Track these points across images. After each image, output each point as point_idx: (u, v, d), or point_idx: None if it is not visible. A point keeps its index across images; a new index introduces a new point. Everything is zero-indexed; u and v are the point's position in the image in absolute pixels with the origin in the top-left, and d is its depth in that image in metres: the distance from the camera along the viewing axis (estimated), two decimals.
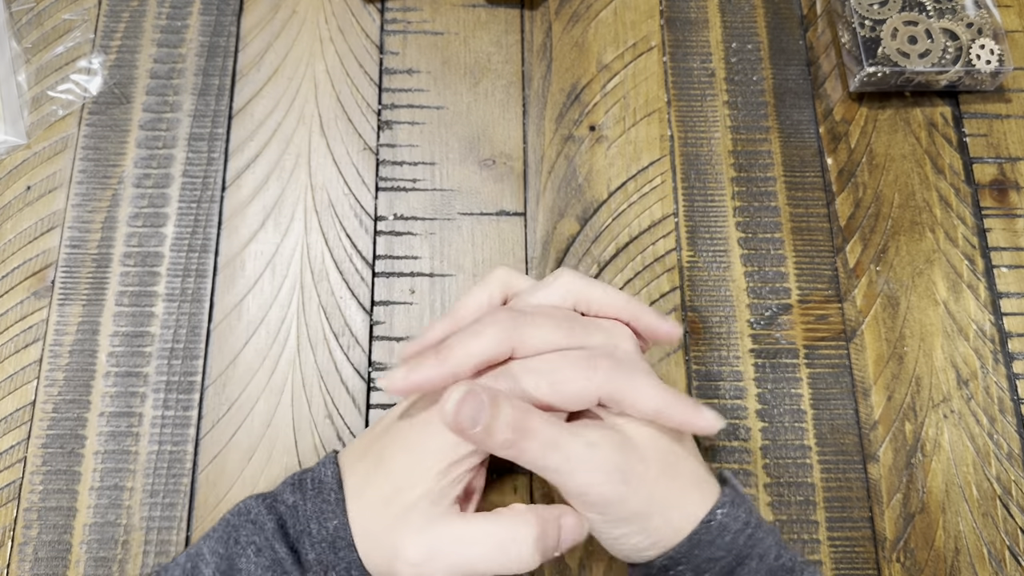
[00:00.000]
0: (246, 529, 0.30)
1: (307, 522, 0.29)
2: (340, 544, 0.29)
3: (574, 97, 0.48)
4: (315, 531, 0.29)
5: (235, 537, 0.30)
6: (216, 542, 0.30)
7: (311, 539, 0.29)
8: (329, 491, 0.30)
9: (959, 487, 0.41)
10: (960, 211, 0.46)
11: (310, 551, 0.29)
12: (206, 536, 0.31)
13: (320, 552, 0.29)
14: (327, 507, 0.29)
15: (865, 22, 0.47)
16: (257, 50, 0.48)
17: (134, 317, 0.43)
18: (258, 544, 0.29)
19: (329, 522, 0.29)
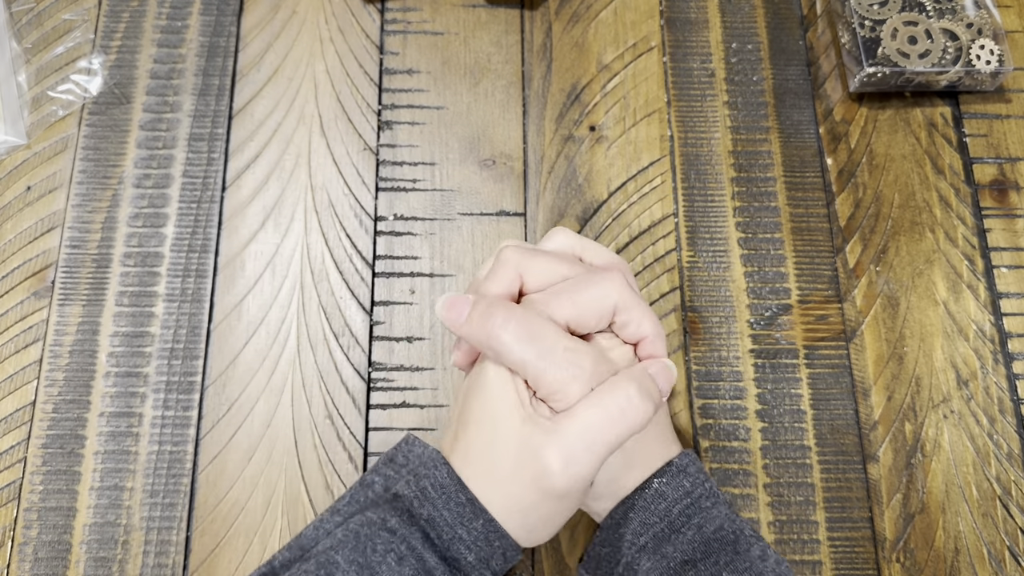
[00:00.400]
0: (381, 538, 0.30)
1: (454, 529, 0.30)
2: (493, 537, 0.30)
3: (574, 97, 0.48)
4: (466, 535, 0.30)
5: (371, 546, 0.30)
6: (351, 551, 0.30)
7: (465, 543, 0.30)
8: (457, 493, 0.31)
9: (959, 487, 0.41)
10: (960, 211, 0.46)
11: (468, 553, 0.30)
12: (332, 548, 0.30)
13: (478, 550, 0.30)
14: (464, 510, 0.30)
15: (865, 22, 0.47)
16: (257, 50, 0.48)
17: (134, 317, 0.43)
18: (399, 552, 0.29)
19: (475, 523, 0.30)
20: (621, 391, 0.29)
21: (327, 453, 0.41)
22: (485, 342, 0.30)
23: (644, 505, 0.32)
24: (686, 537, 0.31)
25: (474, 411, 0.32)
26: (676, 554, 0.31)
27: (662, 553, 0.31)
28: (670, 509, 0.31)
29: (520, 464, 0.30)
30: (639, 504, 0.32)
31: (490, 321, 0.30)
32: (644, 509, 0.32)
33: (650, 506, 0.32)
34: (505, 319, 0.30)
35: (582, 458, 0.29)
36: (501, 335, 0.30)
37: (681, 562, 0.30)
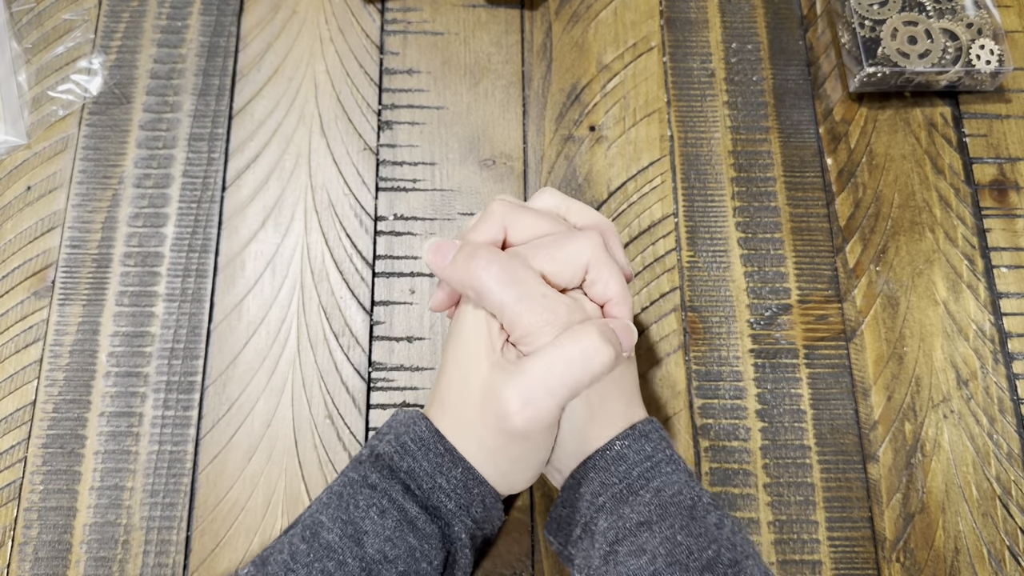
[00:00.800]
0: (363, 494, 0.31)
1: (433, 478, 0.31)
2: (472, 484, 0.31)
3: (574, 97, 0.48)
4: (445, 484, 0.31)
5: (354, 503, 0.31)
6: (335, 509, 0.31)
7: (444, 491, 0.31)
8: (435, 444, 0.32)
9: (959, 487, 0.41)
10: (960, 211, 0.46)
11: (448, 500, 0.31)
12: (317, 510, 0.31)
13: (458, 498, 0.31)
14: (443, 460, 0.31)
15: (865, 22, 0.47)
16: (257, 50, 0.48)
17: (134, 317, 0.43)
18: (381, 506, 0.30)
19: (453, 471, 0.31)
20: (584, 336, 0.30)
21: (327, 453, 0.41)
22: (468, 282, 0.31)
23: (604, 466, 0.32)
24: (643, 499, 0.31)
25: (448, 358, 0.33)
26: (633, 515, 0.31)
27: (619, 513, 0.31)
28: (630, 471, 0.32)
29: (485, 406, 0.31)
30: (600, 464, 0.32)
31: (473, 263, 0.31)
32: (604, 470, 0.32)
33: (610, 467, 0.32)
34: (488, 261, 0.31)
35: (540, 399, 0.29)
36: (483, 276, 0.31)
37: (637, 523, 0.31)
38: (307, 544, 0.30)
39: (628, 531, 0.31)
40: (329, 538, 0.30)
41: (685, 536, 0.30)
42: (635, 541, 0.30)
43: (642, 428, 0.33)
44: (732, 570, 0.30)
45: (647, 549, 0.30)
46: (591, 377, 0.30)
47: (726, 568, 0.30)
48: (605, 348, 0.30)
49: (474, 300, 0.32)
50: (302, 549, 0.30)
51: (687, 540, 0.30)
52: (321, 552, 0.30)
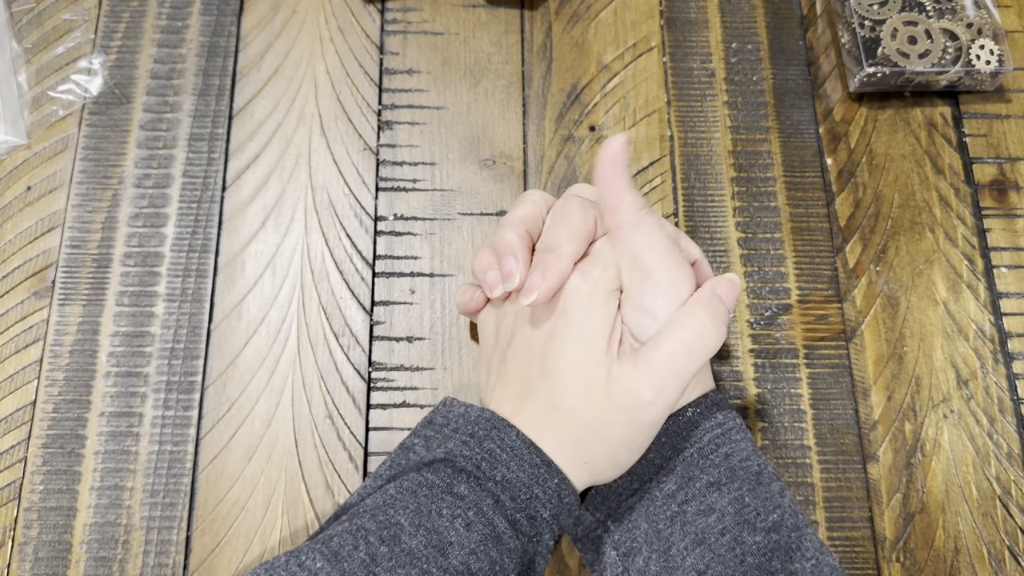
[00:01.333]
0: (446, 503, 0.30)
1: (530, 489, 0.31)
2: (564, 493, 0.32)
3: (574, 97, 0.48)
4: (542, 495, 0.31)
5: (436, 511, 0.30)
6: (414, 515, 0.30)
7: (541, 501, 0.31)
8: (530, 455, 0.31)
9: (959, 487, 0.41)
10: (960, 211, 0.46)
11: (544, 510, 0.31)
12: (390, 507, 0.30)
13: (552, 507, 0.31)
14: (540, 471, 0.31)
15: (865, 22, 0.47)
16: (257, 50, 0.48)
17: (134, 317, 0.43)
18: (467, 518, 0.30)
19: (550, 482, 0.31)
20: (697, 319, 0.31)
21: (327, 453, 0.41)
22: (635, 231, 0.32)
23: (676, 431, 0.33)
24: (713, 462, 0.32)
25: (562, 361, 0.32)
26: (703, 476, 0.32)
27: (689, 475, 0.32)
28: (701, 437, 0.33)
29: (612, 403, 0.31)
30: (672, 430, 0.33)
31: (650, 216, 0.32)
32: (676, 435, 0.33)
33: (683, 432, 0.33)
34: (659, 221, 0.33)
35: (670, 386, 0.30)
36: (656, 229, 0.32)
37: (707, 483, 0.32)
38: (388, 547, 0.29)
39: (697, 492, 0.32)
40: (412, 544, 0.29)
41: (752, 498, 0.31)
42: (704, 501, 0.31)
43: (713, 397, 0.34)
44: (795, 534, 0.31)
45: (716, 508, 0.31)
46: (708, 354, 0.31)
47: (790, 532, 0.31)
48: (719, 329, 0.31)
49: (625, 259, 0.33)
50: (383, 552, 0.29)
51: (754, 502, 0.31)
52: (404, 558, 0.29)
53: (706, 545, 0.31)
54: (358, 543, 0.29)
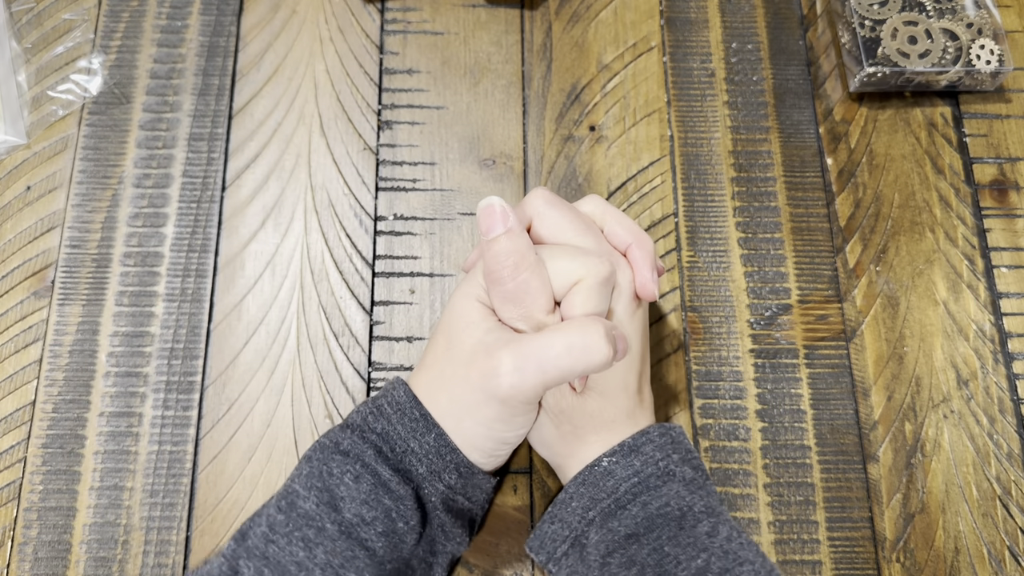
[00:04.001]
0: (336, 461, 0.31)
1: (406, 442, 0.32)
2: (444, 451, 0.32)
3: (574, 97, 0.48)
4: (417, 448, 0.32)
5: (327, 470, 0.31)
6: (307, 478, 0.31)
7: (416, 455, 0.32)
8: (411, 409, 0.32)
9: (959, 487, 0.41)
10: (960, 211, 0.46)
11: (419, 465, 0.32)
12: (291, 479, 0.32)
13: (429, 463, 0.32)
14: (417, 425, 0.32)
15: (865, 22, 0.47)
16: (257, 50, 0.48)
17: (134, 317, 0.43)
18: (355, 472, 0.31)
19: (426, 436, 0.32)
20: (590, 329, 0.30)
21: None
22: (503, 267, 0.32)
23: (593, 481, 0.33)
24: (630, 513, 0.32)
25: (440, 326, 0.34)
26: (620, 528, 0.31)
27: (608, 527, 0.32)
28: (617, 487, 0.32)
29: (472, 362, 0.31)
30: (589, 480, 0.33)
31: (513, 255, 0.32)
32: (593, 485, 0.33)
33: (599, 482, 0.33)
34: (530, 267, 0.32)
35: (530, 370, 0.30)
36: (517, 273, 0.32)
37: (625, 536, 0.31)
38: (284, 515, 0.31)
39: (618, 543, 0.31)
40: (306, 507, 0.31)
41: (673, 547, 0.31)
42: (625, 553, 0.31)
43: (633, 443, 0.33)
44: None
45: (636, 560, 0.31)
46: (583, 368, 0.30)
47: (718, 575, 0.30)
48: (605, 346, 0.30)
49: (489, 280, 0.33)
50: (280, 520, 0.31)
51: (675, 551, 0.31)
52: (300, 521, 0.30)
53: None
54: (261, 519, 0.31)
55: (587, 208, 0.36)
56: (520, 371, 0.30)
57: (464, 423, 0.32)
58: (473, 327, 0.32)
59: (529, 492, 0.41)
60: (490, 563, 0.39)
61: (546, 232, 0.34)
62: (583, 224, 0.35)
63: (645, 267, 0.35)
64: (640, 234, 0.35)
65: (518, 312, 0.32)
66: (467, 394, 0.31)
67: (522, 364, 0.30)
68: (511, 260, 0.31)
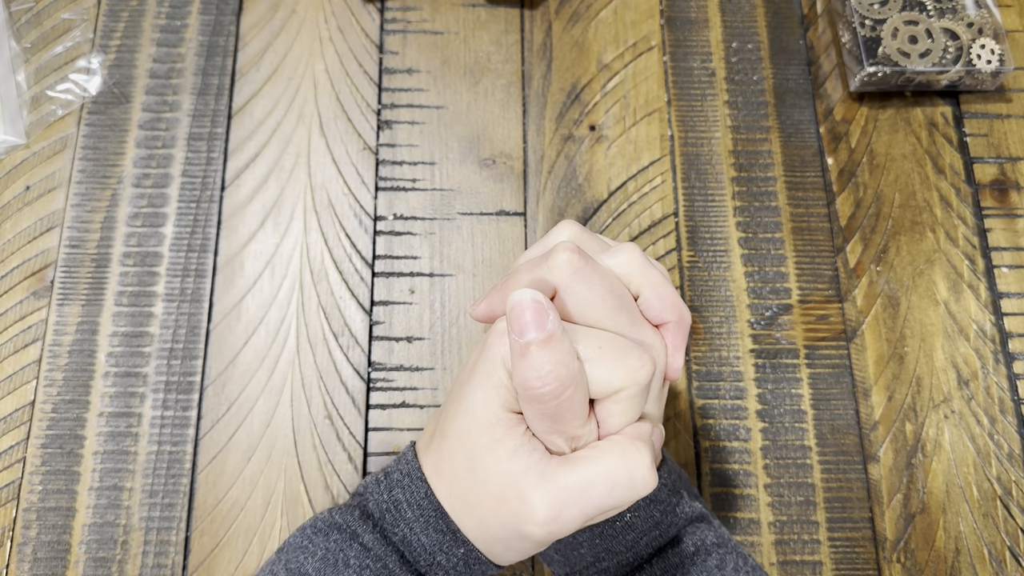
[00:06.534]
0: (354, 552, 0.29)
1: (433, 556, 0.29)
2: (473, 563, 0.29)
3: (574, 97, 0.48)
4: (445, 562, 0.29)
5: (343, 559, 0.29)
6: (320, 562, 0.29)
7: (444, 568, 0.29)
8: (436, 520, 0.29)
9: (959, 487, 0.41)
10: (960, 211, 0.46)
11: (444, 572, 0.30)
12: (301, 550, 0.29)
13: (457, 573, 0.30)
14: (444, 539, 0.29)
15: (865, 22, 0.47)
16: (257, 50, 0.48)
17: (133, 317, 0.43)
18: (375, 571, 0.29)
19: (455, 550, 0.29)
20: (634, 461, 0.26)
21: (327, 453, 0.41)
22: None
23: (612, 535, 0.31)
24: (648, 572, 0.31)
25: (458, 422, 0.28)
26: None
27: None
28: (638, 541, 0.31)
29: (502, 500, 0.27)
30: (607, 533, 0.31)
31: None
32: (611, 538, 0.31)
33: (618, 535, 0.31)
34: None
35: (570, 514, 0.26)
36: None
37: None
38: None
39: None
40: None
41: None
42: None
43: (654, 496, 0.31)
44: None
45: None
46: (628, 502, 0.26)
47: None
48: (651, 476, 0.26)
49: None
50: None
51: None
52: None
53: None
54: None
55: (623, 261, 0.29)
56: (558, 519, 0.26)
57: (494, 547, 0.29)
58: (498, 448, 0.27)
59: None
60: None
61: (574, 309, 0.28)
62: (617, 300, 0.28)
63: (679, 350, 0.30)
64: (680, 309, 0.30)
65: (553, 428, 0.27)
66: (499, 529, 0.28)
67: (560, 510, 0.26)
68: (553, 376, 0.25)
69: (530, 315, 0.25)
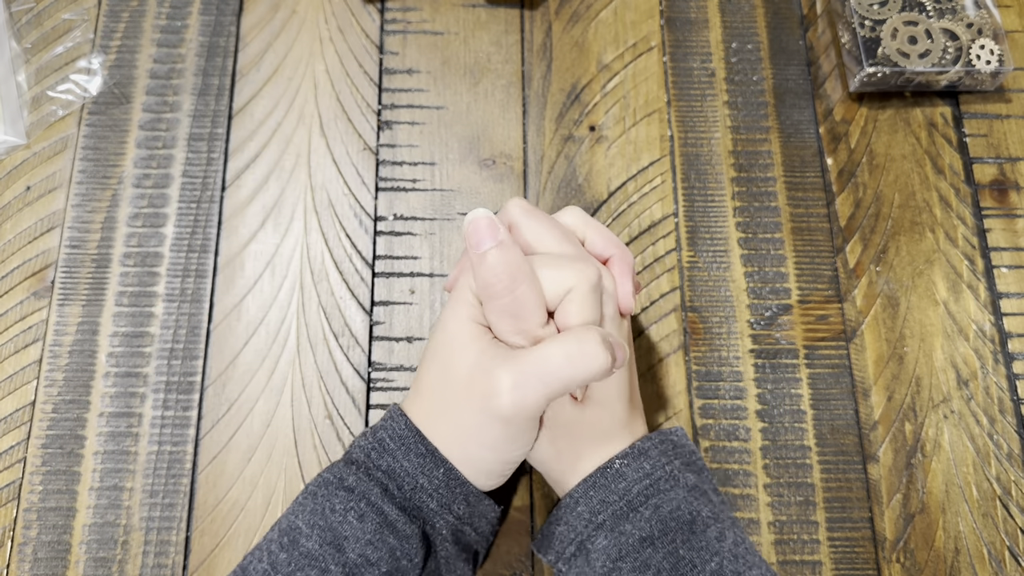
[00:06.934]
0: (339, 498, 0.31)
1: (415, 479, 0.32)
2: (454, 484, 0.32)
3: (574, 97, 0.48)
4: (427, 484, 0.31)
5: (330, 507, 0.31)
6: (310, 515, 0.31)
7: (426, 491, 0.32)
8: (416, 444, 0.32)
9: (959, 487, 0.41)
10: (960, 211, 0.46)
11: (430, 500, 0.32)
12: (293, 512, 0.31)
13: (440, 497, 0.32)
14: (424, 460, 0.32)
15: (865, 22, 0.47)
16: (257, 50, 0.48)
17: (134, 317, 0.43)
18: (359, 510, 0.30)
19: (435, 472, 0.32)
20: (586, 338, 0.30)
21: (327, 453, 0.41)
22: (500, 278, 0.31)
23: (604, 484, 0.33)
24: (643, 516, 0.32)
25: (432, 347, 0.33)
26: (634, 531, 0.31)
27: (620, 530, 0.32)
28: (629, 489, 0.32)
29: (470, 385, 0.31)
30: (600, 483, 0.33)
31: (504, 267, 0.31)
32: (604, 488, 0.33)
33: (610, 484, 0.33)
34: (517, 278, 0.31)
35: (531, 385, 0.29)
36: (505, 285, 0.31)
37: (639, 539, 0.31)
38: (287, 552, 0.30)
39: (631, 547, 0.31)
40: (309, 545, 0.30)
41: (687, 550, 0.31)
42: (638, 557, 0.31)
43: (641, 446, 0.33)
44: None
45: (651, 564, 0.31)
46: (584, 377, 0.29)
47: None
48: (604, 353, 0.29)
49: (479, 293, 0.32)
50: (282, 558, 0.30)
51: (689, 554, 0.31)
52: (302, 560, 0.30)
53: None
54: (262, 555, 0.31)
55: (567, 219, 0.36)
56: (521, 387, 0.29)
57: (469, 448, 0.32)
58: (467, 349, 0.31)
59: (529, 492, 0.41)
60: (490, 563, 0.39)
61: (526, 242, 0.34)
62: (562, 233, 0.34)
63: (626, 279, 0.34)
64: (620, 246, 0.35)
65: (515, 326, 0.31)
66: (469, 418, 0.31)
67: (522, 380, 0.29)
68: (506, 273, 0.30)
69: (484, 229, 0.30)
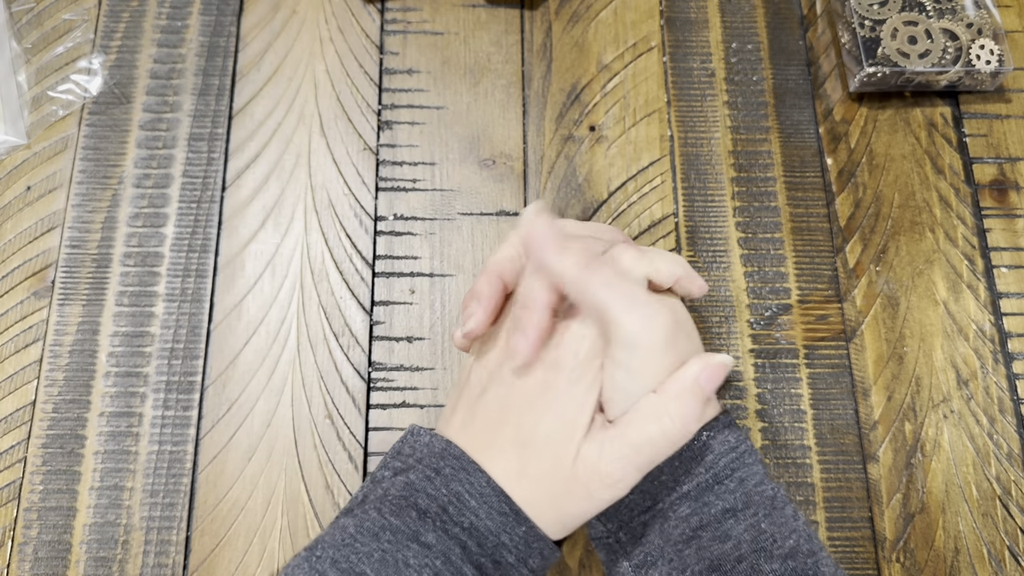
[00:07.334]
0: (412, 551, 0.30)
1: (497, 536, 0.31)
2: (532, 539, 0.32)
3: (574, 97, 0.48)
4: (508, 541, 0.31)
5: (403, 560, 0.29)
6: (379, 564, 0.29)
7: (507, 547, 0.31)
8: (499, 504, 0.31)
9: (959, 487, 0.41)
10: (960, 211, 0.46)
11: (509, 555, 0.31)
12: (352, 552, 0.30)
13: (518, 552, 0.31)
14: (507, 520, 0.31)
15: (865, 22, 0.47)
16: (257, 50, 0.48)
17: (134, 317, 0.43)
18: (435, 568, 0.29)
19: (517, 529, 0.31)
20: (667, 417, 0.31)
21: (327, 453, 0.41)
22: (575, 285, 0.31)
23: (691, 455, 0.33)
24: (728, 488, 0.32)
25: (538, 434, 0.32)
26: (719, 502, 0.32)
27: (704, 500, 0.32)
28: (716, 461, 0.32)
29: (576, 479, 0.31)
30: (686, 454, 0.33)
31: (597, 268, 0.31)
32: (691, 459, 0.33)
33: (697, 455, 0.33)
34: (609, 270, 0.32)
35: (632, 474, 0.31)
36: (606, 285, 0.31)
37: (723, 510, 0.32)
38: None
39: (713, 518, 0.32)
40: None
41: (768, 524, 0.31)
42: (720, 527, 0.31)
43: (724, 420, 0.34)
44: (811, 560, 0.31)
45: (732, 535, 0.31)
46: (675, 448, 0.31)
47: (806, 557, 0.31)
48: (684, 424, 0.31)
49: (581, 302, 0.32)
50: None
51: (770, 528, 0.31)
52: None
53: (722, 572, 0.31)
54: None
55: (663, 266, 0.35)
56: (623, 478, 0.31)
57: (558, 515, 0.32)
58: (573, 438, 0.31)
59: None
60: None
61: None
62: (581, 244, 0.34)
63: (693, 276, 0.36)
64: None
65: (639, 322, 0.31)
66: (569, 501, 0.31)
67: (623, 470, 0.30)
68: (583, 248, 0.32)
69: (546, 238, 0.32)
